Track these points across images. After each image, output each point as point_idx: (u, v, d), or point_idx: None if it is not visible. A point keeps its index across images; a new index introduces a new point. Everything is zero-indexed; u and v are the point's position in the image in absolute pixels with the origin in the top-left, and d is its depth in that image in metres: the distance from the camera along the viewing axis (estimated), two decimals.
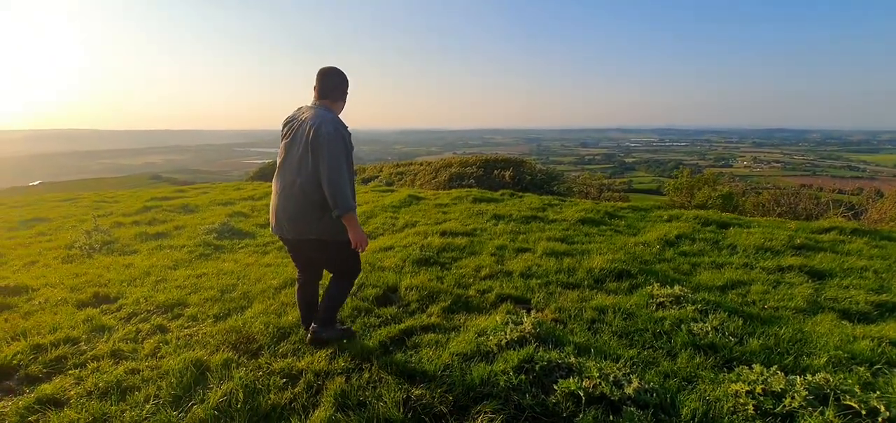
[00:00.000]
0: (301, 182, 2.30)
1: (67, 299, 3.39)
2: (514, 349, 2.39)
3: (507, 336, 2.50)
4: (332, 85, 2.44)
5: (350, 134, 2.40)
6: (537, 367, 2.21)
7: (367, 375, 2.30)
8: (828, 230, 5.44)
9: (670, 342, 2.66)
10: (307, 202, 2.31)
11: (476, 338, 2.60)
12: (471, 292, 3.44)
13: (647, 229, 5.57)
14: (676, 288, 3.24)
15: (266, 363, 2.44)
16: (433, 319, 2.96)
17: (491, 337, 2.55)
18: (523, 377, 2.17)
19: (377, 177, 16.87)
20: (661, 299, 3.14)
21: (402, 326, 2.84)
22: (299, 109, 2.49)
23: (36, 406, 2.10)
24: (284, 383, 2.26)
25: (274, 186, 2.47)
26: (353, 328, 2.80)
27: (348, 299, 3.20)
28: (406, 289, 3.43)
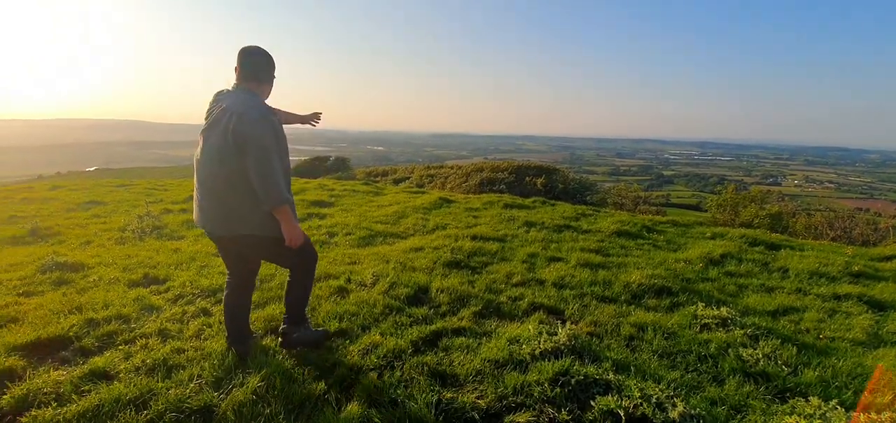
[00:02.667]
0: (226, 174, 2.06)
1: (119, 279, 3.59)
2: (549, 361, 2.33)
3: (541, 346, 2.44)
4: (257, 65, 2.16)
5: (279, 119, 2.16)
6: (573, 381, 2.14)
7: (398, 373, 2.31)
8: (889, 258, 5.02)
9: (717, 367, 2.51)
10: (236, 195, 2.08)
11: (508, 346, 2.55)
12: (502, 299, 3.39)
13: (688, 246, 5.33)
14: (723, 310, 3.07)
15: (301, 353, 2.49)
16: (464, 322, 2.94)
17: (524, 346, 2.50)
18: (559, 390, 2.10)
19: (408, 178, 17.03)
20: (707, 321, 2.98)
21: (432, 327, 2.83)
22: (218, 93, 2.20)
23: (88, 377, 2.22)
24: (318, 374, 2.29)
25: (195, 178, 2.20)
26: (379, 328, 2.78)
27: (380, 297, 3.23)
28: (437, 291, 3.43)
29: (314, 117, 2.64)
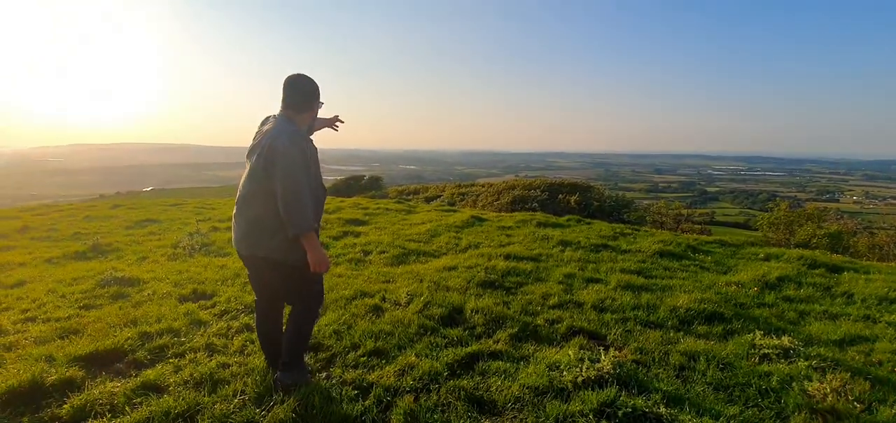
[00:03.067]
0: (255, 195, 2.14)
1: (171, 293, 3.78)
2: (592, 390, 2.22)
3: (583, 374, 2.33)
4: (295, 93, 2.21)
5: (313, 147, 2.19)
6: (620, 413, 2.02)
7: (435, 397, 2.27)
8: None
9: (780, 402, 2.31)
10: (261, 217, 2.13)
11: (548, 372, 2.46)
12: (539, 321, 3.30)
13: (739, 268, 5.01)
14: (785, 339, 2.83)
15: (339, 372, 2.51)
16: (500, 345, 2.87)
17: (565, 373, 2.40)
18: (605, 422, 1.99)
19: (440, 196, 17.15)
20: (766, 351, 2.76)
21: (468, 349, 2.78)
22: (265, 118, 2.32)
23: (140, 390, 2.31)
24: (356, 394, 2.29)
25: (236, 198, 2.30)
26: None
27: (414, 316, 3.21)
28: (471, 311, 3.38)
29: (335, 120, 2.67)
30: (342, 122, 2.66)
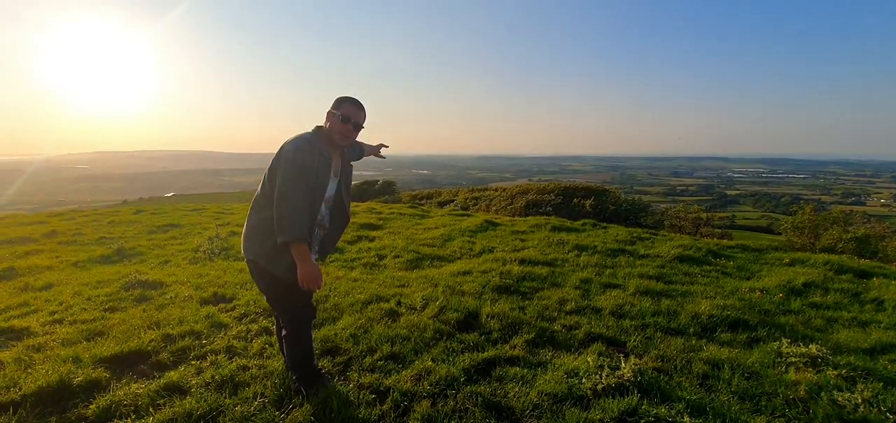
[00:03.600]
0: (261, 199, 2.12)
1: (192, 296, 3.86)
2: (613, 398, 2.18)
3: (603, 381, 2.29)
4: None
5: (322, 155, 2.10)
6: (642, 422, 1.98)
7: (452, 403, 2.25)
8: None
9: (808, 413, 2.23)
10: (260, 221, 2.10)
11: (566, 379, 2.43)
12: (556, 327, 3.26)
13: (763, 273, 4.87)
14: (812, 347, 2.74)
15: (356, 375, 2.52)
16: (517, 351, 2.84)
17: (584, 380, 2.36)
18: None
19: (453, 201, 17.15)
20: (793, 359, 2.67)
21: (484, 355, 2.76)
22: None
23: (163, 391, 2.36)
24: (373, 398, 2.30)
25: None
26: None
27: (430, 321, 3.21)
28: (487, 316, 3.36)
29: (380, 147, 2.76)
30: (387, 146, 2.76)
